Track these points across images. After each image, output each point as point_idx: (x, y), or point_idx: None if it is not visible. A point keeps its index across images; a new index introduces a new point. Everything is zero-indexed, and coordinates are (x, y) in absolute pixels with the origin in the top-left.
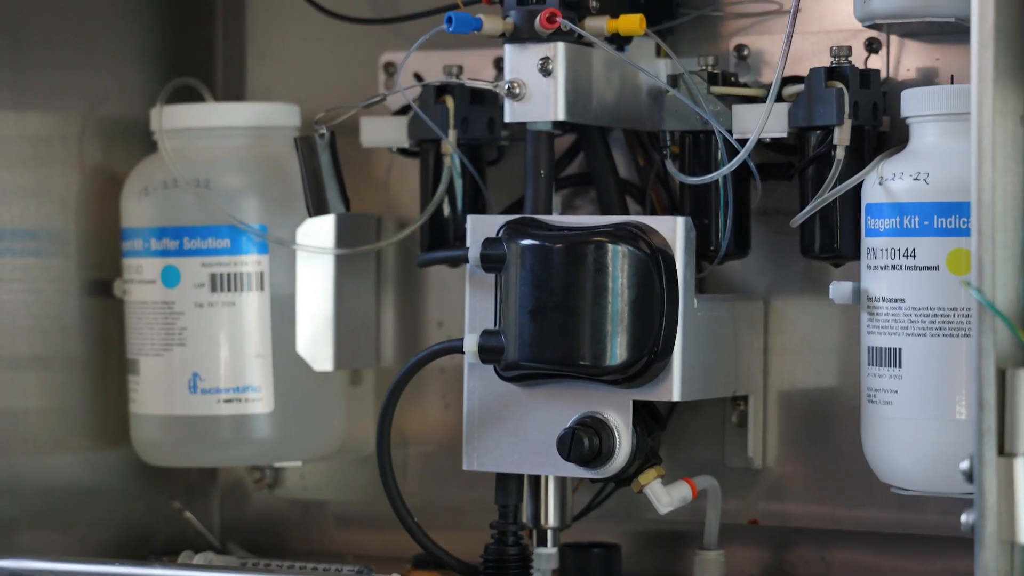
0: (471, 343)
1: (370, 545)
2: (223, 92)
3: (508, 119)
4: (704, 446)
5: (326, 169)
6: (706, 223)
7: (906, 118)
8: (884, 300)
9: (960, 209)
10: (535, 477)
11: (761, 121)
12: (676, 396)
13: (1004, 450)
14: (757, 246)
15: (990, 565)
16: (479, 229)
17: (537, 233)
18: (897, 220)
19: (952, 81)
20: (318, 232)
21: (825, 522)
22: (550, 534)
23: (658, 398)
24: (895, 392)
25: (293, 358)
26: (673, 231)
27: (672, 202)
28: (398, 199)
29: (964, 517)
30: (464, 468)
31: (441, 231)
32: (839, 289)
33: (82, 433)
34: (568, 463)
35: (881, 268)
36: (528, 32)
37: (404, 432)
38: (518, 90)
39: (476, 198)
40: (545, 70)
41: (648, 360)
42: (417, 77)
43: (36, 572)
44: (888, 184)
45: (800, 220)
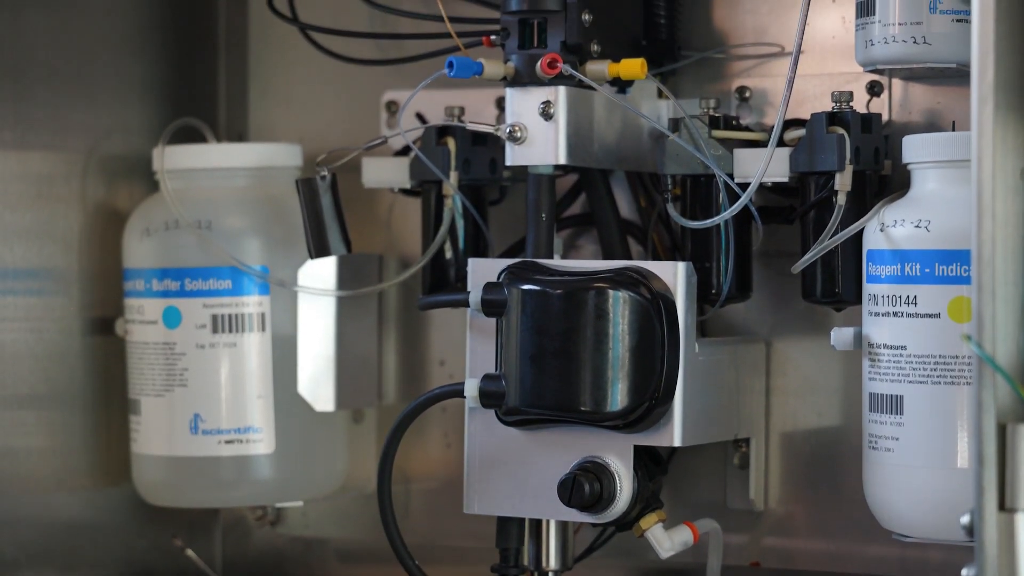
0: (472, 388)
1: None
2: (226, 129)
3: (509, 163)
4: (706, 488)
5: (327, 211)
6: (707, 266)
7: (907, 164)
8: (886, 347)
9: (961, 257)
10: (536, 519)
11: (762, 166)
12: (677, 441)
13: (1005, 505)
14: (759, 288)
15: None
16: (480, 273)
17: (538, 278)
18: (898, 267)
19: (953, 127)
20: (320, 272)
21: (828, 564)
22: None
23: (659, 443)
24: (896, 439)
25: (294, 398)
26: (674, 276)
27: (674, 243)
28: (400, 237)
29: (965, 572)
30: (465, 512)
31: (442, 272)
32: (841, 336)
33: (84, 472)
34: (569, 508)
35: (882, 315)
36: (529, 76)
37: (406, 470)
38: (519, 134)
39: (478, 238)
40: (546, 114)
41: (649, 405)
42: (419, 117)
43: None
44: (889, 231)
45: (801, 266)
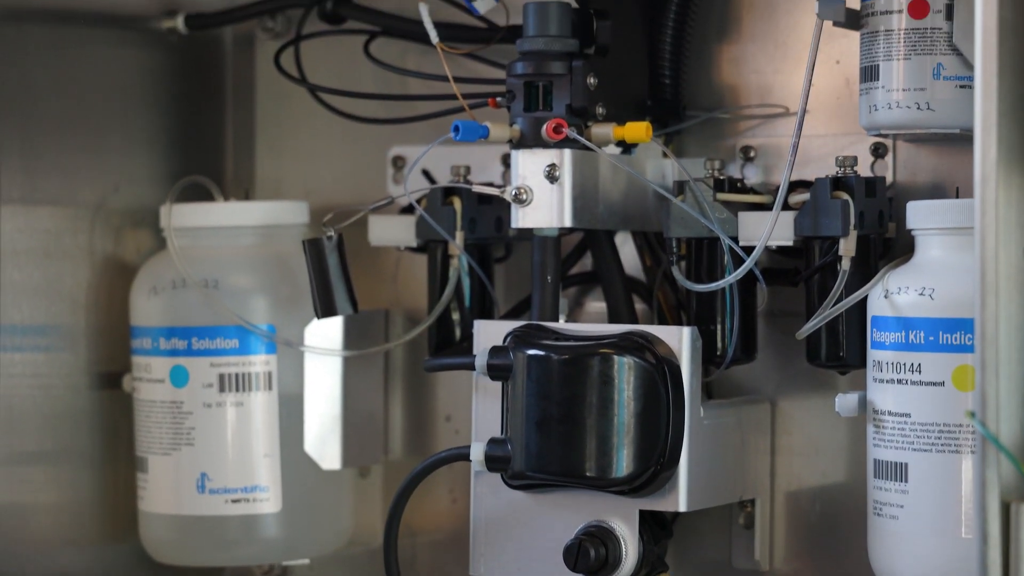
0: (478, 452)
1: None
2: (233, 182)
3: (515, 225)
4: (711, 547)
5: (334, 271)
6: (712, 328)
7: (911, 230)
8: (890, 414)
9: (965, 325)
10: None
11: (767, 231)
12: (683, 507)
13: None
14: (764, 347)
15: None
16: (486, 335)
17: (543, 343)
18: (902, 335)
19: (957, 193)
20: (326, 331)
21: None
22: None
23: (665, 508)
24: (901, 507)
25: (301, 457)
26: (679, 341)
27: (679, 302)
28: (406, 291)
29: None
30: (471, 575)
31: (448, 330)
32: (845, 402)
33: (91, 528)
34: (575, 573)
35: (887, 381)
36: (535, 138)
37: (411, 524)
38: (525, 196)
39: (483, 297)
40: (552, 176)
41: (655, 471)
42: (426, 174)
43: None
44: (893, 298)
45: (806, 333)
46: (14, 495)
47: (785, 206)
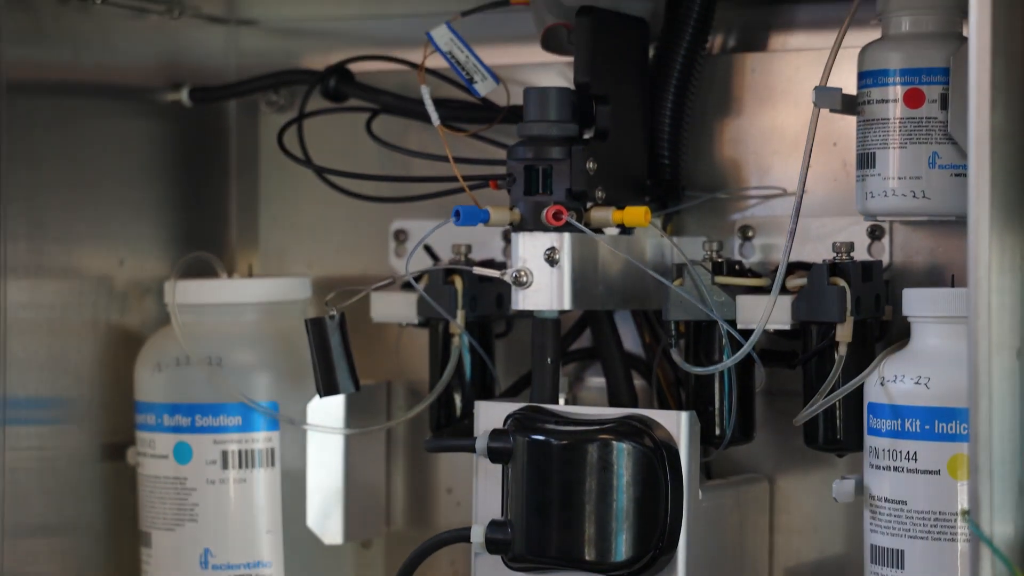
0: (478, 534)
1: None
2: (237, 252)
3: (515, 307)
4: None
5: (336, 350)
6: (710, 410)
7: (907, 316)
8: (886, 500)
9: (961, 415)
10: None
11: (765, 315)
12: None
13: None
14: (762, 425)
15: None
16: (486, 416)
17: (543, 427)
18: (898, 423)
19: (952, 282)
20: (329, 406)
21: None
22: None
23: None
24: None
25: (303, 532)
26: (677, 425)
27: (678, 379)
28: (408, 362)
29: None
30: None
31: (449, 406)
32: (842, 488)
33: None
34: None
35: (883, 468)
36: (534, 222)
37: None
38: (525, 279)
39: (484, 374)
40: (552, 260)
41: (654, 555)
42: (428, 250)
43: None
44: (889, 386)
45: (803, 420)
46: (18, 568)
47: (783, 290)
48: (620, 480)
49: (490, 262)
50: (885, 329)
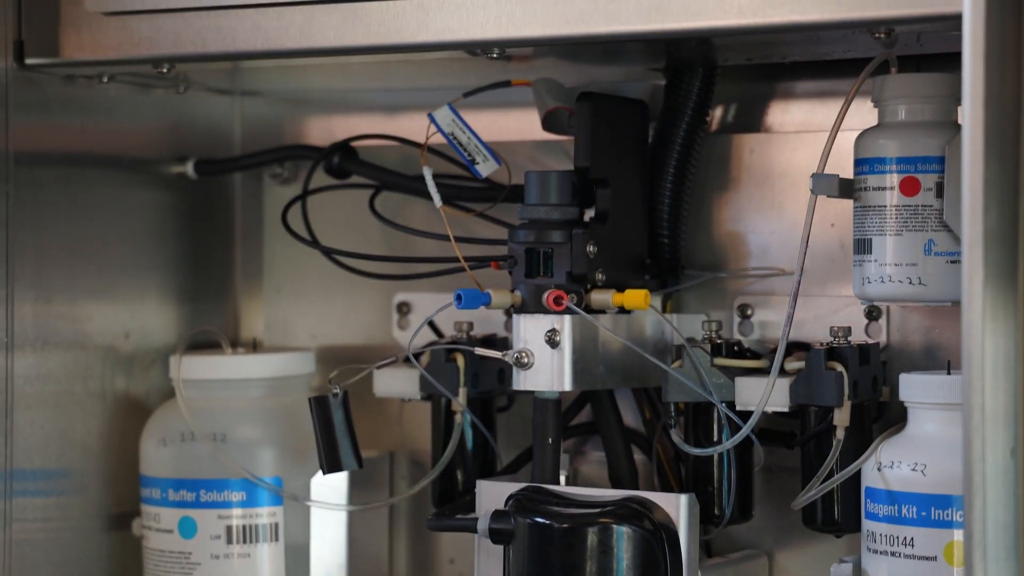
0: None
1: None
2: (241, 323)
3: (516, 387)
4: None
5: (339, 428)
6: (709, 490)
7: (904, 400)
8: None
9: (957, 502)
10: None
11: (763, 398)
12: None
13: None
14: (760, 501)
15: None
16: (488, 496)
17: (544, 509)
18: (895, 508)
19: (948, 369)
20: (332, 480)
21: None
22: None
23: None
24: None
25: None
26: (677, 508)
27: (677, 455)
28: (411, 434)
29: None
30: None
31: (451, 482)
32: (840, 572)
33: None
34: None
35: (880, 553)
36: (535, 304)
37: None
38: (526, 360)
39: (486, 449)
40: (552, 342)
41: None
42: (431, 325)
43: None
44: (886, 472)
45: (801, 504)
46: None
47: (782, 372)
48: (620, 563)
49: (492, 336)
50: (882, 410)
